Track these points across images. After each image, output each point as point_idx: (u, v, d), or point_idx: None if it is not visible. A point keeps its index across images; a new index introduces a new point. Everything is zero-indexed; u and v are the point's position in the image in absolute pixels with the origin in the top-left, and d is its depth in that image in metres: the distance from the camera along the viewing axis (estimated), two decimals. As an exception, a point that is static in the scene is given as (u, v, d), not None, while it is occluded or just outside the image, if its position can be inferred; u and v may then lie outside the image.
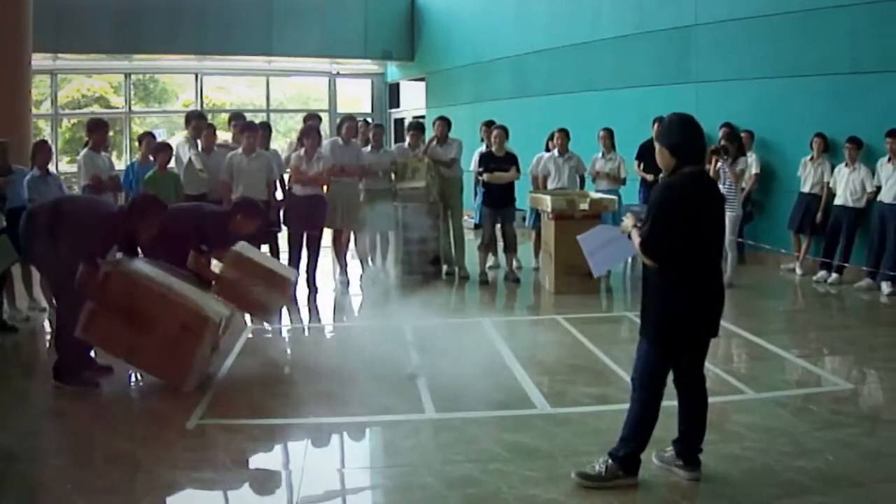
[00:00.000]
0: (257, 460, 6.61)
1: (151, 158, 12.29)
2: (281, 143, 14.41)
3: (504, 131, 13.59)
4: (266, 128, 13.56)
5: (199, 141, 12.55)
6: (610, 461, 5.71)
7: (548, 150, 14.80)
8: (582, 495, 5.62)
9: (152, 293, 7.92)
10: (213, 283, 9.15)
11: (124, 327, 7.82)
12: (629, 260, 12.81)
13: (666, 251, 5.46)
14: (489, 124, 14.78)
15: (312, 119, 14.16)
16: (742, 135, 14.12)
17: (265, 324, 10.25)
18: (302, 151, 12.56)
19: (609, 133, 14.52)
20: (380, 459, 6.77)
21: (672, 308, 5.53)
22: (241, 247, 9.26)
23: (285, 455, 6.82)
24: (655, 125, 13.91)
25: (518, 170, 13.44)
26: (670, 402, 5.79)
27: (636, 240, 5.60)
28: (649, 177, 14.17)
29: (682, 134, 5.58)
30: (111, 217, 8.23)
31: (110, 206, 9.29)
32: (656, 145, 5.73)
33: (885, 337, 10.29)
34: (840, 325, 11.20)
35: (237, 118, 14.18)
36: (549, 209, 12.47)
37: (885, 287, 12.34)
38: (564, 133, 14.13)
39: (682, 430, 5.88)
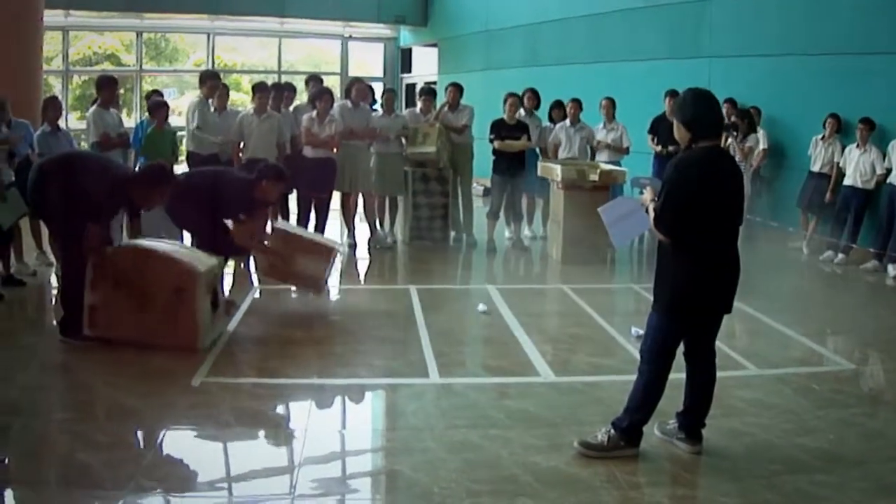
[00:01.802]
0: (261, 419, 6.63)
1: (148, 115, 12.33)
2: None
3: (518, 99, 13.56)
4: (290, 89, 13.56)
5: (212, 101, 12.50)
6: (613, 431, 5.73)
7: (552, 120, 14.82)
8: (583, 464, 5.64)
9: (142, 261, 8.07)
10: (263, 261, 9.42)
11: (125, 310, 7.92)
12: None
13: (679, 227, 5.44)
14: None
15: (315, 81, 14.13)
16: (751, 110, 14.09)
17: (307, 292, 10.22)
18: (314, 114, 12.53)
19: (611, 102, 14.46)
20: (382, 422, 6.80)
21: (685, 283, 5.53)
22: (282, 224, 9.35)
23: (289, 415, 6.87)
24: (668, 99, 13.92)
25: (529, 138, 13.43)
26: (676, 375, 5.80)
27: (651, 214, 5.60)
28: (658, 148, 14.14)
29: (697, 109, 5.56)
30: (121, 180, 8.24)
31: (120, 167, 9.27)
32: (673, 120, 5.72)
33: (888, 319, 10.31)
34: (845, 305, 11.18)
35: (314, 80, 14.30)
36: (559, 179, 12.44)
37: (892, 269, 12.34)
38: (577, 103, 14.10)
39: (688, 404, 5.89)
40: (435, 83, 24.00)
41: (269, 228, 10.51)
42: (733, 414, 6.57)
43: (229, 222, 9.39)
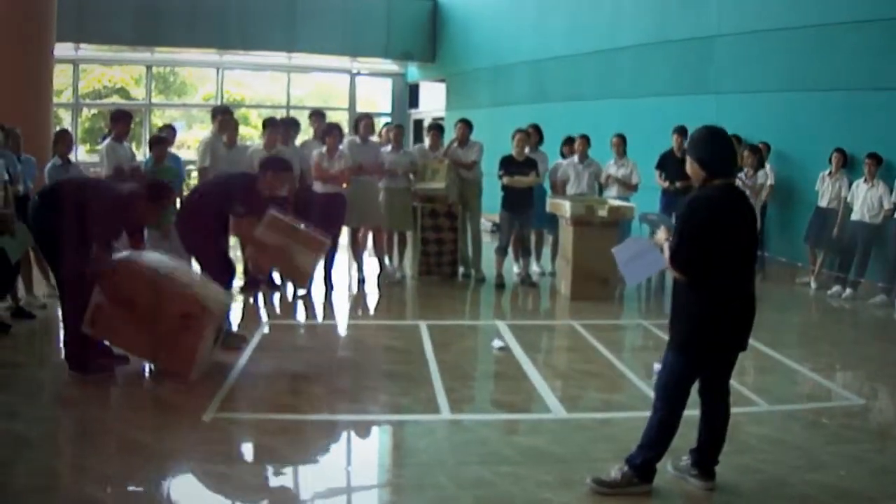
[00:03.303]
0: (272, 456, 6.60)
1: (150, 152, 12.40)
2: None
3: (526, 135, 13.59)
4: (294, 124, 13.57)
5: (223, 136, 12.54)
6: (626, 468, 5.72)
7: (563, 156, 14.84)
8: (596, 501, 5.64)
9: (155, 283, 8.01)
10: (253, 246, 9.31)
11: (128, 320, 7.90)
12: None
13: (694, 265, 5.45)
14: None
15: (318, 116, 14.20)
16: (760, 146, 14.14)
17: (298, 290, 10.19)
18: (324, 149, 12.55)
19: (622, 139, 14.44)
20: (393, 458, 6.79)
21: (700, 321, 5.53)
22: (275, 211, 9.31)
23: (300, 451, 6.79)
24: (675, 135, 13.98)
25: (538, 174, 13.44)
26: (690, 412, 5.79)
27: (666, 253, 5.62)
28: (665, 184, 14.18)
29: (712, 147, 5.59)
30: (122, 197, 8.28)
31: (119, 187, 9.27)
32: (687, 158, 5.73)
33: (896, 353, 10.32)
34: (853, 340, 11.21)
35: (317, 115, 14.38)
36: (568, 215, 12.46)
37: (901, 304, 12.34)
38: (585, 139, 14.14)
39: (702, 441, 5.88)
40: (442, 119, 24.09)
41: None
42: (745, 450, 6.55)
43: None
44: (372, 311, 12.32)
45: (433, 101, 27.84)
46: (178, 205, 10.63)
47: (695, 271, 5.47)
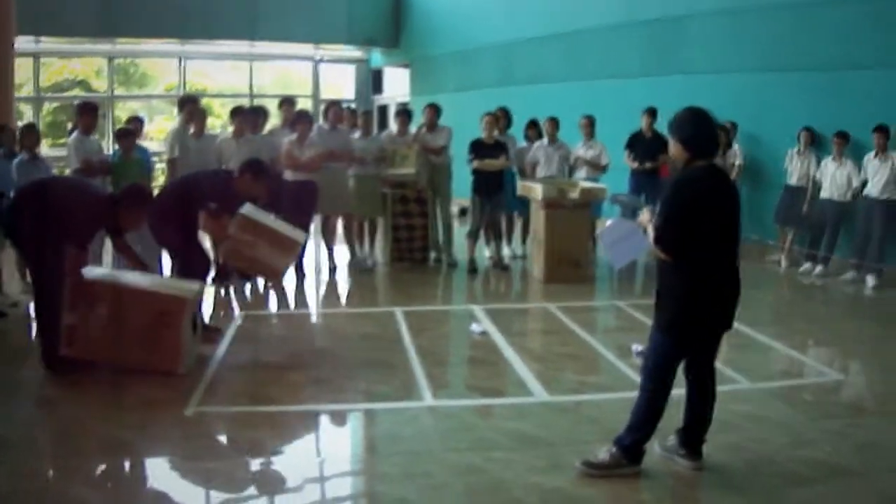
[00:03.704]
0: (257, 448, 6.57)
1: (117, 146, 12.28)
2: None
3: (494, 118, 13.56)
4: (262, 112, 13.48)
5: (191, 126, 12.44)
6: (615, 449, 5.74)
7: (527, 138, 14.86)
8: (587, 483, 5.65)
9: (124, 290, 8.01)
10: (222, 245, 9.26)
11: (105, 332, 7.85)
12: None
13: (679, 245, 5.47)
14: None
15: (288, 104, 14.09)
16: (727, 125, 14.18)
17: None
18: (294, 137, 12.49)
19: (590, 121, 14.43)
20: (381, 447, 6.74)
21: (686, 301, 5.55)
22: (248, 210, 9.23)
23: (284, 443, 6.77)
24: (645, 116, 14.05)
25: (508, 158, 13.43)
26: (676, 391, 5.80)
27: (651, 234, 5.62)
28: (635, 164, 14.23)
29: (694, 128, 5.60)
30: (99, 202, 8.24)
31: (97, 189, 9.23)
32: (669, 140, 5.73)
33: (870, 329, 10.44)
34: (826, 316, 11.29)
35: (288, 102, 14.23)
36: (540, 197, 12.46)
37: (870, 280, 12.45)
38: (554, 122, 14.14)
39: (688, 421, 5.91)
40: (407, 104, 24.00)
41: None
42: (730, 428, 6.57)
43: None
44: (346, 299, 12.26)
45: (397, 86, 27.78)
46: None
47: (680, 251, 5.49)
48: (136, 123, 13.35)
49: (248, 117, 12.56)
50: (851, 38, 13.52)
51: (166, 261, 10.81)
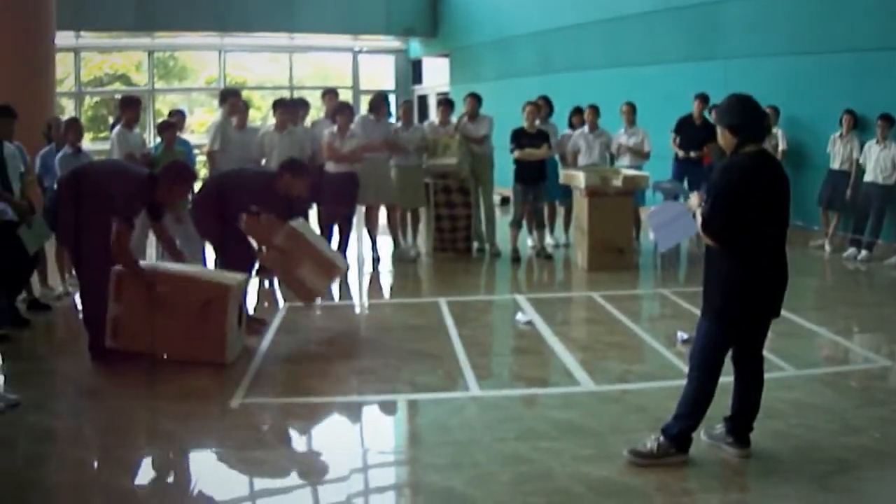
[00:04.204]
0: (304, 440, 6.65)
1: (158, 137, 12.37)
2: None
3: (536, 107, 13.53)
4: (303, 104, 13.49)
5: (233, 119, 12.48)
6: (662, 438, 5.71)
7: (572, 126, 14.79)
8: (634, 472, 5.63)
9: (169, 279, 8.07)
10: (265, 251, 9.27)
11: (150, 323, 7.89)
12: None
13: (727, 231, 5.43)
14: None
15: (331, 95, 14.11)
16: (768, 110, 14.07)
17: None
18: (335, 128, 12.51)
19: (632, 107, 14.41)
20: (428, 437, 6.73)
21: (734, 288, 5.51)
22: (298, 224, 9.27)
23: (331, 434, 6.83)
24: (697, 101, 14.05)
25: (550, 147, 13.39)
26: (723, 379, 5.77)
27: (699, 219, 5.59)
28: (681, 151, 14.18)
29: (742, 114, 5.56)
30: (138, 177, 8.28)
31: (135, 167, 9.24)
32: (717, 127, 5.70)
33: (915, 312, 10.33)
34: (871, 302, 11.21)
35: (331, 93, 14.25)
36: (583, 186, 12.43)
37: (916, 264, 12.35)
38: (594, 109, 14.08)
39: (736, 408, 5.88)
40: (447, 93, 23.99)
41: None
42: (777, 416, 6.53)
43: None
44: (390, 290, 12.31)
45: (437, 76, 27.76)
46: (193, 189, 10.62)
47: (728, 238, 5.45)
48: (177, 116, 13.40)
49: (289, 109, 12.58)
50: (888, 18, 13.30)
51: (210, 254, 10.84)
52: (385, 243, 13.90)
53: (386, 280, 12.72)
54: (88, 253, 8.09)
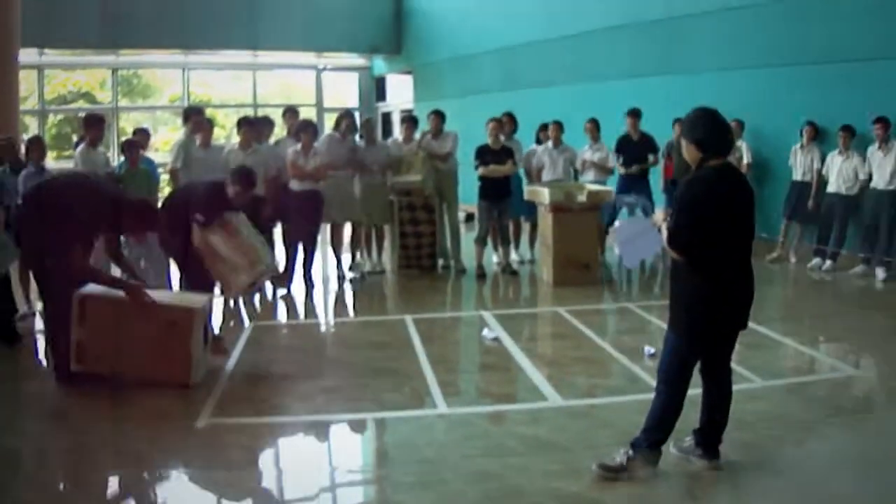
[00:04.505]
0: (272, 459, 6.62)
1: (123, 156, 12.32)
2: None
3: (499, 123, 13.54)
4: (268, 123, 13.45)
5: (197, 137, 12.41)
6: (631, 452, 5.71)
7: (538, 142, 14.80)
8: (604, 487, 5.62)
9: (132, 304, 7.97)
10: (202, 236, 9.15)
11: (114, 345, 7.85)
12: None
13: (692, 245, 5.44)
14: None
15: (291, 113, 14.08)
16: (733, 124, 14.14)
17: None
18: (298, 146, 12.45)
19: (595, 124, 14.38)
20: (396, 456, 6.68)
21: (700, 301, 5.52)
22: (235, 217, 9.20)
23: (298, 453, 6.80)
24: (629, 118, 14.47)
25: (514, 163, 13.41)
26: (692, 391, 5.78)
27: (664, 234, 5.60)
28: (622, 169, 14.26)
29: (707, 128, 5.58)
30: (113, 200, 8.20)
31: (99, 182, 9.15)
32: (682, 141, 5.71)
33: (881, 322, 10.45)
34: (837, 311, 11.27)
35: (291, 112, 14.19)
36: (547, 202, 12.44)
37: (880, 273, 12.50)
38: (558, 125, 14.08)
39: (705, 421, 5.89)
40: (411, 111, 23.99)
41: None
42: (745, 427, 6.54)
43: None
44: (355, 308, 12.24)
45: (401, 93, 27.76)
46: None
47: (694, 251, 5.46)
48: (142, 135, 13.36)
49: (254, 127, 12.52)
50: (850, 32, 13.48)
51: (175, 273, 10.77)
52: (350, 260, 13.84)
53: (350, 298, 12.65)
54: (52, 274, 8.02)
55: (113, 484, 6.08)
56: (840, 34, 13.63)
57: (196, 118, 12.48)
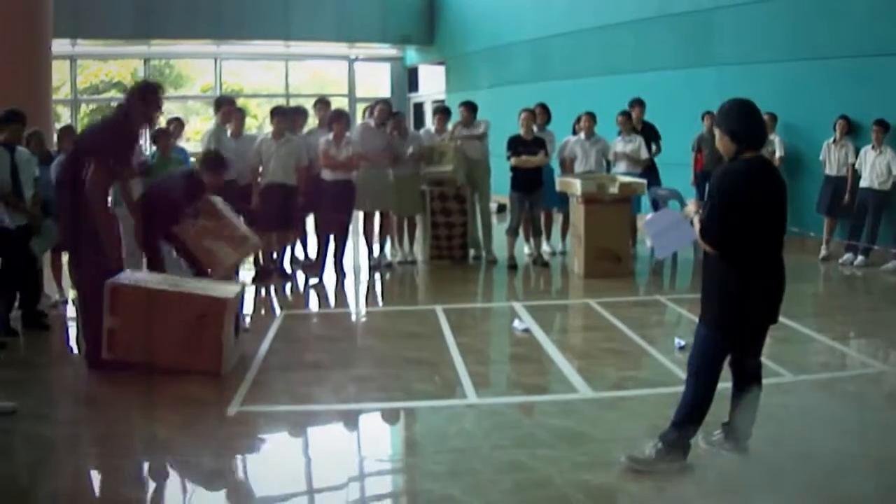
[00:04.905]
0: (301, 448, 6.65)
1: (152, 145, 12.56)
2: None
3: (531, 114, 13.54)
4: (303, 113, 13.47)
5: (228, 126, 12.48)
6: (660, 444, 5.70)
7: (574, 133, 14.78)
8: (633, 479, 5.62)
9: (164, 295, 8.07)
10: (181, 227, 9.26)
11: (146, 334, 7.91)
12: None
13: (725, 238, 5.41)
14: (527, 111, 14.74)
15: (322, 104, 14.06)
16: (765, 117, 14.07)
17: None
18: (331, 136, 12.49)
19: (627, 115, 14.44)
20: (426, 445, 6.71)
21: (732, 296, 5.48)
22: (217, 201, 9.28)
23: (330, 442, 6.82)
24: (634, 108, 14.60)
25: (546, 153, 13.39)
26: (722, 385, 5.77)
27: (696, 226, 5.59)
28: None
29: (742, 120, 5.53)
30: (116, 122, 8.56)
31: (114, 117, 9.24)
32: (716, 131, 5.69)
33: (913, 317, 10.33)
34: (868, 307, 11.25)
35: (322, 102, 14.14)
36: (579, 193, 12.45)
37: (913, 268, 12.37)
38: (591, 116, 14.09)
39: (734, 414, 5.87)
40: (443, 101, 23.99)
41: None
42: (775, 421, 6.48)
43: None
44: (386, 297, 12.31)
45: (433, 84, 27.79)
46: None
47: (726, 244, 5.44)
48: (175, 124, 13.42)
49: (287, 117, 12.55)
50: (883, 24, 13.36)
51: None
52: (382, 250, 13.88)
53: (382, 287, 12.71)
54: (86, 261, 8.10)
55: (143, 471, 6.10)
56: (872, 27, 13.53)
57: (227, 107, 12.55)
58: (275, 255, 12.70)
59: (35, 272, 10.03)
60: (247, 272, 12.30)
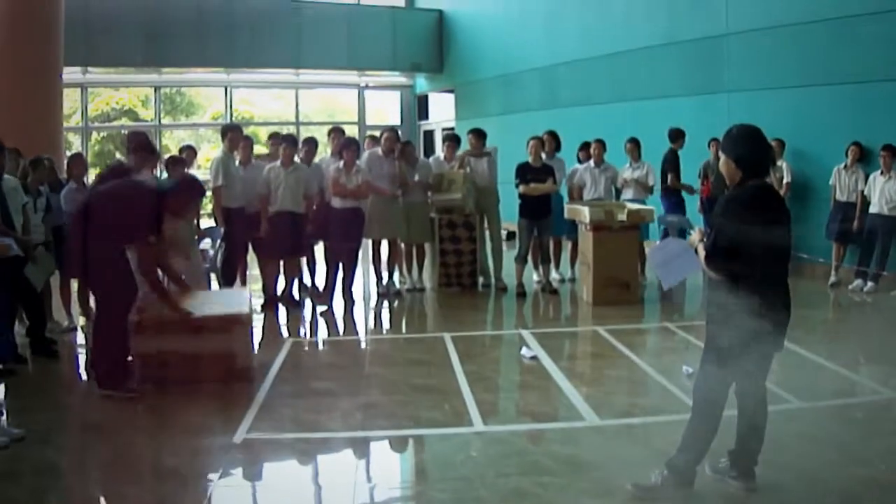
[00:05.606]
0: (307, 476, 6.64)
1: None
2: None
3: (540, 141, 13.56)
4: (312, 142, 13.47)
5: (235, 153, 12.51)
6: (666, 472, 5.70)
7: (580, 161, 14.81)
8: (639, 507, 5.61)
9: (192, 318, 8.49)
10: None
11: (176, 352, 8.38)
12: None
13: (729, 264, 5.42)
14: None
15: (337, 132, 14.06)
16: (773, 143, 14.08)
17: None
18: (341, 164, 12.54)
19: (636, 144, 14.48)
20: (433, 473, 6.73)
21: (735, 322, 5.45)
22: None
23: (336, 470, 6.79)
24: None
25: (555, 181, 13.39)
26: (728, 412, 5.75)
27: (701, 253, 5.59)
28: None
29: (748, 146, 5.54)
30: (147, 194, 8.48)
31: (139, 183, 8.91)
32: (721, 156, 5.69)
33: (923, 344, 10.28)
34: (878, 333, 11.14)
35: (337, 131, 14.10)
36: (588, 220, 12.45)
37: (924, 295, 12.33)
38: (601, 144, 14.17)
39: (741, 442, 5.86)
40: (453, 129, 24.06)
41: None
42: (782, 448, 6.45)
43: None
44: (395, 325, 12.31)
45: (443, 111, 27.88)
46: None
47: (731, 271, 5.44)
48: (188, 152, 13.51)
49: (294, 146, 12.56)
50: (892, 50, 13.39)
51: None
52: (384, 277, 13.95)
53: (390, 315, 12.70)
54: (104, 284, 8.23)
55: (151, 498, 6.09)
56: (881, 53, 13.54)
57: (232, 134, 12.56)
58: (283, 283, 12.70)
59: (37, 300, 10.04)
60: (256, 299, 12.32)
